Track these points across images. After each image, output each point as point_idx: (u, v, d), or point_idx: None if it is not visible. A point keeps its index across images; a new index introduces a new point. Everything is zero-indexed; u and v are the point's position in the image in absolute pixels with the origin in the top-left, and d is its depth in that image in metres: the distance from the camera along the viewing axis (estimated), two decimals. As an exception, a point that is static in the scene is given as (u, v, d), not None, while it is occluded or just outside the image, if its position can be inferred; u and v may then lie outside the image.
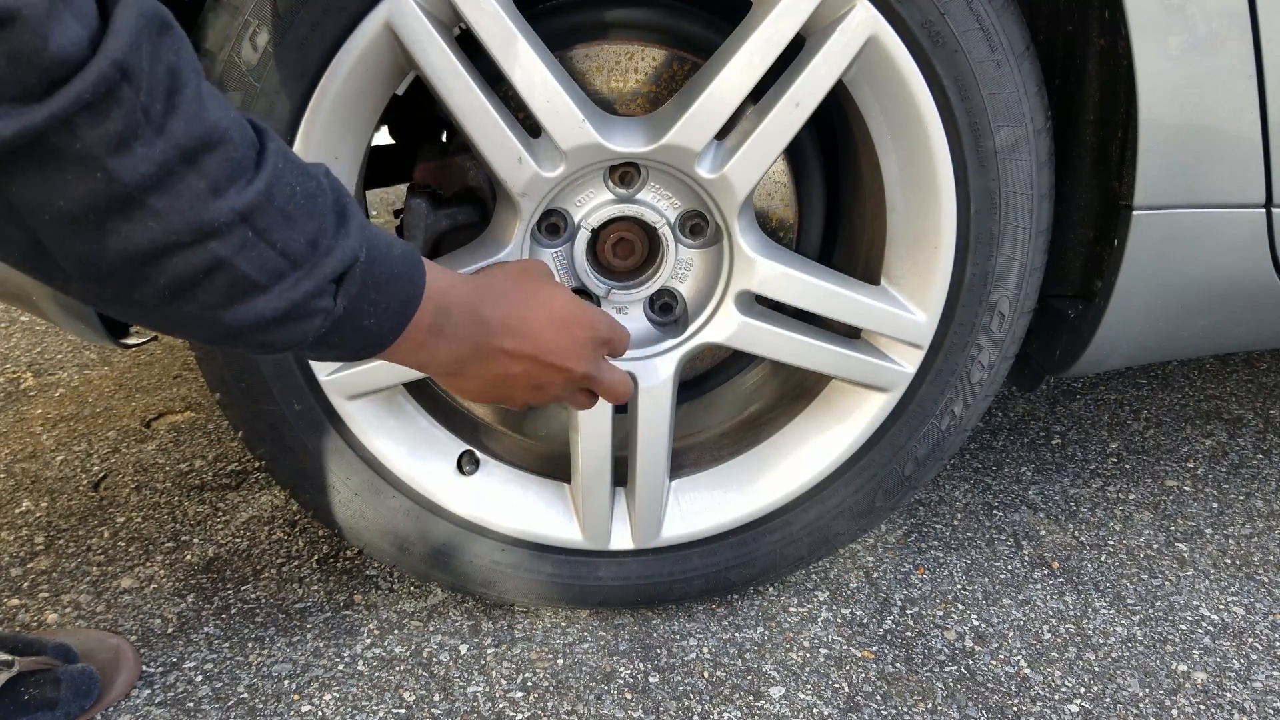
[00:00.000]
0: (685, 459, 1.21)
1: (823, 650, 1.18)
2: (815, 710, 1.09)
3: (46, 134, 0.46)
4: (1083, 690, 1.13)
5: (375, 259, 0.63)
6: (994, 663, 1.17)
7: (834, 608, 1.25)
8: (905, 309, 1.07)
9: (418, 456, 1.13)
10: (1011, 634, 1.21)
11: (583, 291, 1.07)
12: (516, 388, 0.80)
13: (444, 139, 1.30)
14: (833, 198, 1.24)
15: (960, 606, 1.26)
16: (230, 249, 0.54)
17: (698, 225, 1.06)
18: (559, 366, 0.80)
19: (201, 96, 0.52)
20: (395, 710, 1.09)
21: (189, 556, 1.34)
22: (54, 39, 0.45)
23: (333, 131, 0.94)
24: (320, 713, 1.08)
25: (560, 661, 1.16)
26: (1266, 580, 1.31)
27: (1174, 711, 1.10)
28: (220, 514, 1.44)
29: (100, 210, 0.50)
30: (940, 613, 1.25)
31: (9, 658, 1.01)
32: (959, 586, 1.30)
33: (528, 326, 0.78)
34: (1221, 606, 1.26)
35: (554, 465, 1.19)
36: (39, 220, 0.49)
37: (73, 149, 0.47)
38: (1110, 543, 1.39)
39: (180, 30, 0.52)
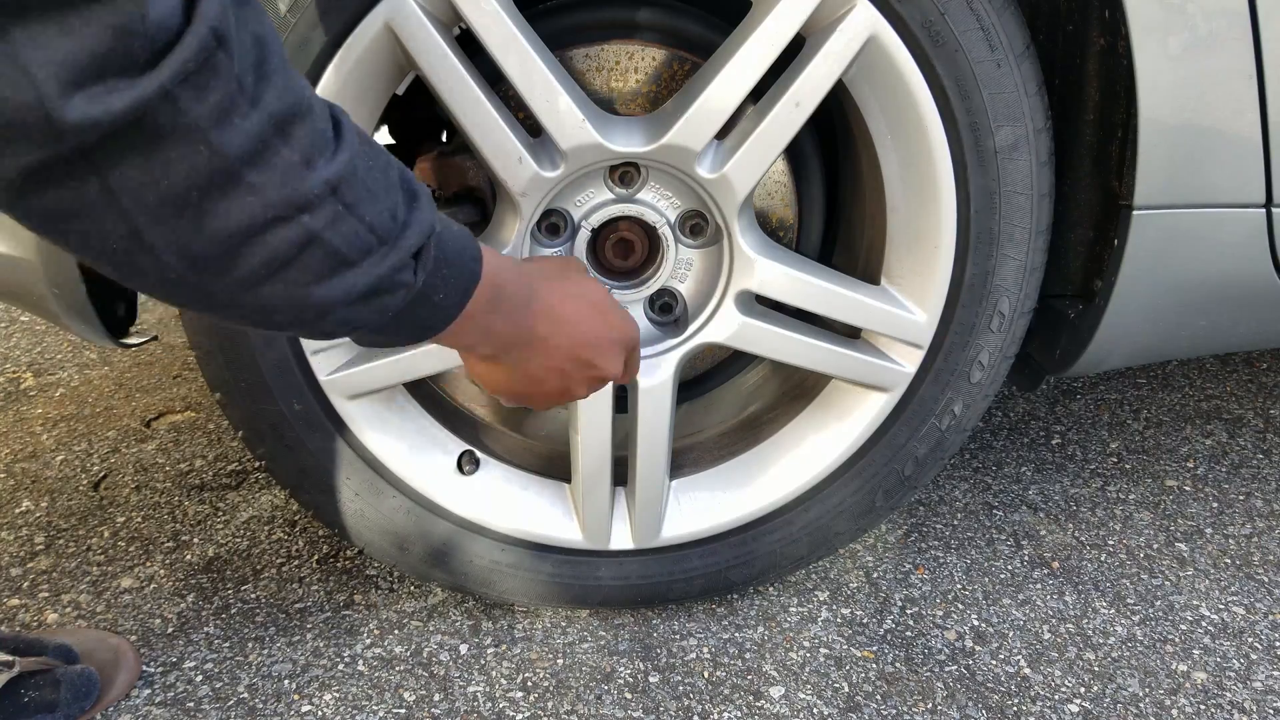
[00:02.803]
0: (685, 459, 1.21)
1: (823, 650, 1.18)
2: (815, 710, 1.09)
3: (154, 108, 0.46)
4: (1083, 690, 1.13)
5: (443, 233, 0.63)
6: (994, 662, 1.17)
7: (834, 607, 1.25)
8: (905, 309, 1.07)
9: (418, 456, 1.13)
10: (1011, 634, 1.21)
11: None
12: (548, 381, 0.80)
13: (444, 139, 1.30)
14: (833, 198, 1.24)
15: (960, 606, 1.26)
16: (322, 222, 0.54)
17: (698, 225, 1.05)
18: (590, 362, 0.81)
19: (286, 67, 0.52)
20: (395, 710, 1.09)
21: (189, 556, 1.34)
22: (153, 8, 0.44)
23: (333, 131, 0.94)
24: (320, 712, 1.08)
25: (560, 661, 1.16)
26: (1266, 580, 1.31)
27: (1174, 711, 1.10)
28: (220, 514, 1.44)
29: (202, 188, 0.49)
30: (940, 613, 1.25)
31: (9, 658, 1.01)
32: (959, 586, 1.30)
33: (568, 316, 0.79)
34: (1221, 606, 1.26)
35: (554, 465, 1.19)
36: (141, 205, 0.48)
37: (177, 123, 0.47)
38: (1110, 543, 1.39)
39: (258, 1, 0.52)
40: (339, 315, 0.58)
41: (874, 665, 1.16)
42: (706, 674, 1.15)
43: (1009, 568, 1.34)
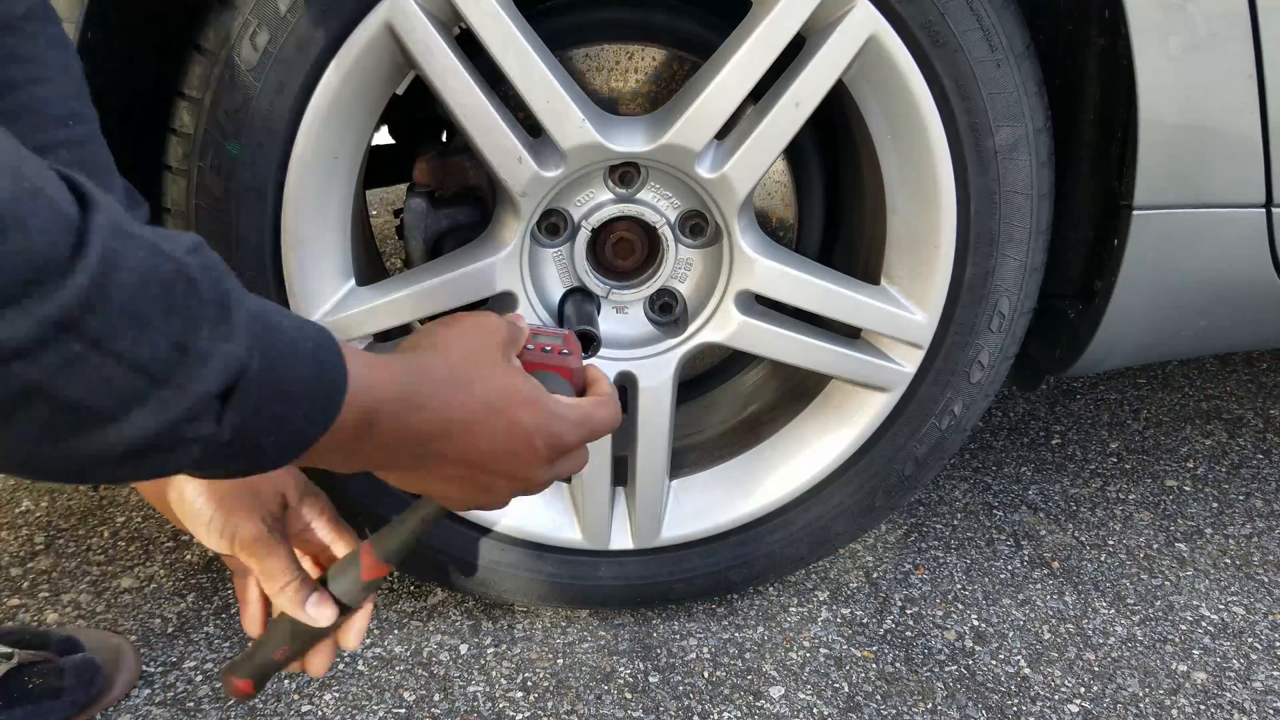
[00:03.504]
0: (685, 459, 1.21)
1: (823, 650, 1.18)
2: (815, 710, 1.09)
3: None
4: (1083, 690, 1.13)
5: (278, 359, 0.46)
6: (994, 663, 1.17)
7: (834, 608, 1.25)
8: (905, 309, 1.07)
9: (418, 456, 1.12)
10: (1011, 634, 1.21)
11: (583, 291, 1.07)
12: (465, 491, 0.65)
13: (444, 139, 1.30)
14: (833, 198, 1.24)
15: (960, 606, 1.26)
16: (45, 370, 0.37)
17: (698, 225, 1.05)
18: (511, 476, 0.65)
19: None
20: (395, 710, 1.09)
21: (189, 556, 1.34)
22: None
23: (333, 131, 0.94)
24: (320, 712, 1.08)
25: (560, 661, 1.16)
26: (1266, 580, 1.31)
27: (1174, 711, 1.10)
28: (220, 514, 1.44)
29: None
30: (940, 613, 1.25)
31: (8, 650, 1.01)
32: (959, 586, 1.30)
33: (473, 438, 0.61)
34: (1221, 606, 1.26)
35: (554, 465, 1.19)
36: None
37: None
38: (1110, 543, 1.39)
39: None
40: (110, 473, 0.43)
41: (874, 665, 1.16)
42: (706, 674, 1.15)
43: (1009, 568, 1.34)
